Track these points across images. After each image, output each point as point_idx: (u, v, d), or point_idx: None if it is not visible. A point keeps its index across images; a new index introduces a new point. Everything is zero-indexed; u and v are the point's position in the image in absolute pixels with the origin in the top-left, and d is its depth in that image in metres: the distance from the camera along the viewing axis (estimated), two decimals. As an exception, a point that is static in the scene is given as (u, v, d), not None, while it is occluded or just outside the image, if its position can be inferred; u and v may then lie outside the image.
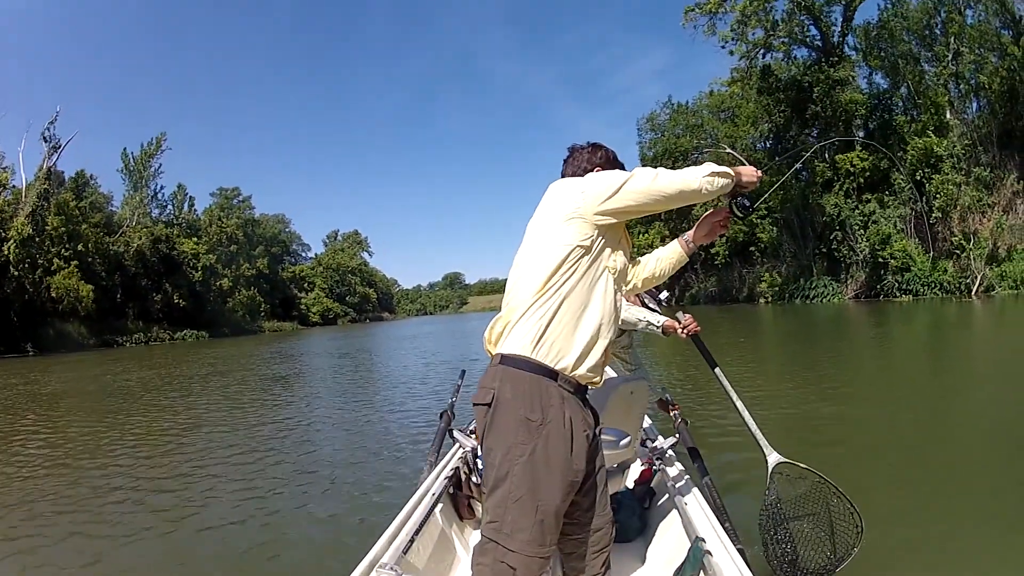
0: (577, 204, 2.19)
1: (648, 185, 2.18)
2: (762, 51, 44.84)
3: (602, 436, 2.44)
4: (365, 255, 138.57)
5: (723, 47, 44.67)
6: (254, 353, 31.26)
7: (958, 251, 35.22)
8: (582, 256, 2.16)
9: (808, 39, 43.55)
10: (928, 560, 3.88)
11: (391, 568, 2.55)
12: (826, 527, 3.09)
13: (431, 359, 21.60)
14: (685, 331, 3.91)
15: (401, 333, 49.52)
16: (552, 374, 2.09)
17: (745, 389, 9.96)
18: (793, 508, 3.22)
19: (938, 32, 40.20)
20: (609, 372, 3.60)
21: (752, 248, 50.79)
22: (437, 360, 20.96)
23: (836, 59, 41.40)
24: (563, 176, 2.57)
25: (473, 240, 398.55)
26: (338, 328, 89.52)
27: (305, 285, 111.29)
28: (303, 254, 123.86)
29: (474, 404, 2.19)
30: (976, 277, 33.79)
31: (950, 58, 38.66)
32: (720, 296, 55.66)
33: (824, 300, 41.17)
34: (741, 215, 2.55)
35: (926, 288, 35.59)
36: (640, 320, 4.17)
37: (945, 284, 35.04)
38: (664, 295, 4.10)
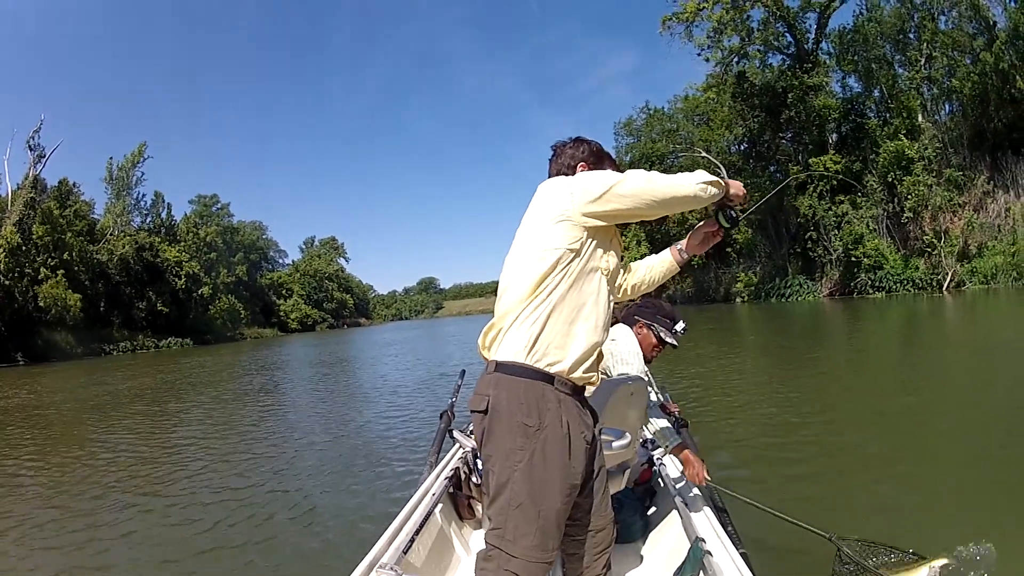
0: (565, 206, 2.13)
1: (640, 188, 2.11)
2: (737, 58, 45.22)
3: (602, 436, 2.43)
4: (342, 261, 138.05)
5: (699, 54, 45.04)
6: (241, 361, 31.22)
7: (929, 249, 35.75)
8: (572, 259, 2.11)
9: (783, 46, 43.99)
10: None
11: (391, 568, 2.55)
12: None
13: (418, 364, 21.63)
14: (690, 475, 3.43)
15: (381, 339, 49.43)
16: (548, 378, 2.06)
17: (773, 379, 11.43)
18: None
19: (912, 37, 40.72)
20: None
21: (728, 249, 51.22)
22: (425, 365, 21.04)
23: (810, 65, 41.76)
24: (550, 175, 2.51)
25: (447, 245, 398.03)
26: (317, 334, 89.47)
27: (283, 292, 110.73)
28: (280, 260, 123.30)
29: (471, 411, 2.17)
30: (947, 273, 34.32)
31: (923, 62, 39.26)
32: (697, 297, 56.00)
33: (799, 298, 41.64)
34: (728, 225, 2.49)
35: (898, 285, 36.16)
36: (657, 432, 3.67)
37: (917, 281, 35.60)
38: (680, 326, 3.83)
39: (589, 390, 2.29)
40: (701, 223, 2.62)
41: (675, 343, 3.81)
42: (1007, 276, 31.74)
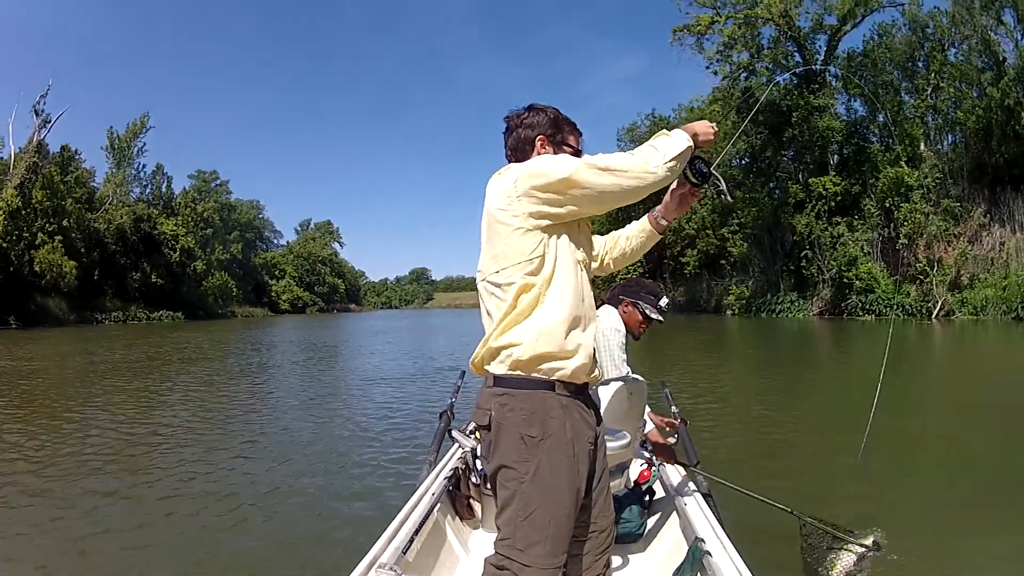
0: (514, 212, 2.02)
1: (598, 183, 1.96)
2: (745, 73, 45.32)
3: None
4: (336, 246, 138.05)
5: (707, 67, 45.16)
6: (233, 340, 31.13)
7: (921, 276, 35.95)
8: (540, 266, 2.01)
9: (791, 65, 44.10)
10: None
11: (390, 568, 2.53)
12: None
13: (413, 357, 21.53)
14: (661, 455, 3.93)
15: (372, 327, 49.42)
16: (548, 385, 2.00)
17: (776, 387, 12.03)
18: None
19: (920, 66, 41.00)
20: (608, 373, 3.53)
21: (723, 261, 51.48)
22: (420, 358, 21.01)
23: (817, 86, 41.88)
24: (507, 153, 2.35)
25: (441, 237, 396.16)
26: (307, 317, 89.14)
27: (276, 272, 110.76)
28: (275, 241, 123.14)
29: (476, 426, 2.18)
30: (937, 302, 34.52)
31: (929, 92, 39.57)
32: (688, 306, 56.13)
33: (789, 315, 41.84)
34: (697, 182, 2.28)
35: (888, 309, 36.27)
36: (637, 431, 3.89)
37: (907, 306, 35.77)
38: (664, 301, 3.85)
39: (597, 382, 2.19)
40: (673, 186, 2.44)
41: (660, 318, 3.86)
42: (996, 309, 31.93)
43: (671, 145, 2.04)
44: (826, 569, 3.52)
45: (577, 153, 2.30)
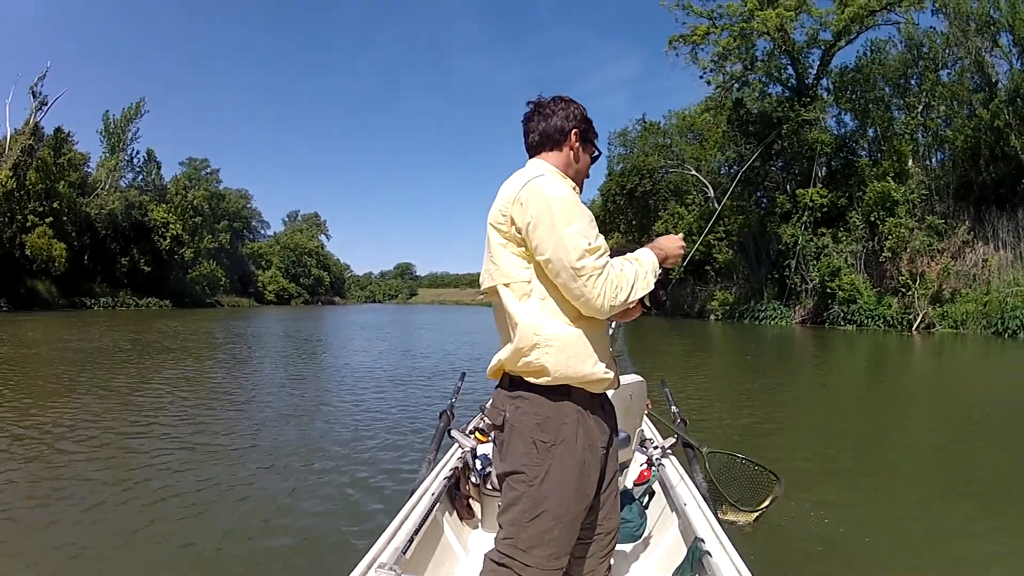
0: (505, 231, 2.05)
1: (561, 279, 1.96)
2: (737, 84, 45.60)
3: None
4: (323, 238, 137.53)
5: (701, 76, 45.35)
6: (221, 331, 30.94)
7: (904, 289, 36.30)
8: (540, 281, 2.03)
9: (784, 78, 44.47)
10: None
11: (390, 568, 2.53)
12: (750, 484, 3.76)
13: (403, 353, 21.58)
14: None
15: (358, 320, 49.50)
16: (564, 391, 2.03)
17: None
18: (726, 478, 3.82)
19: (913, 83, 41.29)
20: None
21: (708, 267, 51.72)
22: (410, 354, 21.07)
23: (808, 100, 42.26)
24: (531, 140, 2.26)
25: (427, 232, 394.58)
26: (292, 308, 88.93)
27: (263, 263, 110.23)
28: (262, 231, 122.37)
29: (490, 424, 2.15)
30: (919, 314, 34.93)
31: (920, 109, 39.86)
32: (672, 310, 56.30)
33: (772, 322, 42.15)
34: (647, 306, 2.20)
35: (870, 320, 36.72)
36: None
37: (888, 318, 36.21)
38: None
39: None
40: None
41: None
42: (977, 323, 32.36)
43: (640, 287, 2.07)
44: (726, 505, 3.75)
45: (597, 150, 2.34)
